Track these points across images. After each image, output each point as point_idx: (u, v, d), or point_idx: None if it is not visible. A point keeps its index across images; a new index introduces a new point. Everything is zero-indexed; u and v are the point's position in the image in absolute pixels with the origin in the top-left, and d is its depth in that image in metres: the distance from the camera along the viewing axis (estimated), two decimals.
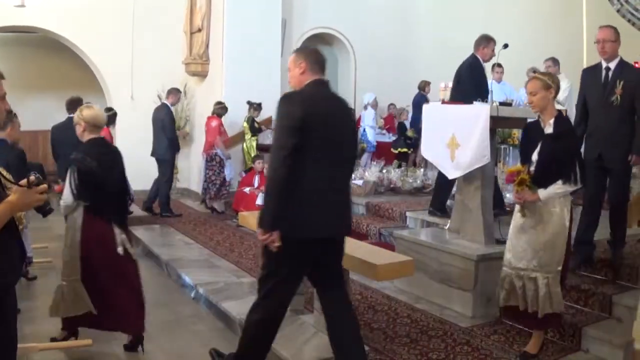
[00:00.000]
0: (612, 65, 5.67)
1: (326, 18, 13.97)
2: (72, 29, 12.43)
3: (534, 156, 4.67)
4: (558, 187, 4.52)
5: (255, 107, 11.80)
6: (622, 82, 5.55)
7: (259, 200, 9.64)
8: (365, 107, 13.66)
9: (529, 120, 5.52)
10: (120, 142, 10.81)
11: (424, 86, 13.11)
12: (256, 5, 11.97)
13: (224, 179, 11.09)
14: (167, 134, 10.58)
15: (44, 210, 2.94)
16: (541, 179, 4.58)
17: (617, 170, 5.65)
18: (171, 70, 12.80)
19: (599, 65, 5.81)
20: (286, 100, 3.93)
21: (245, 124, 11.75)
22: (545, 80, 4.63)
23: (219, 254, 8.21)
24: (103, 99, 13.16)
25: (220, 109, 11.27)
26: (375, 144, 13.74)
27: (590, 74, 5.91)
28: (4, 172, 3.01)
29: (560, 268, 4.58)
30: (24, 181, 2.84)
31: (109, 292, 4.96)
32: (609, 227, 5.93)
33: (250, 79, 11.63)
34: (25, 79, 13.81)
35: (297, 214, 3.85)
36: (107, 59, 12.67)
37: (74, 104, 8.21)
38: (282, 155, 3.78)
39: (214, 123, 11.11)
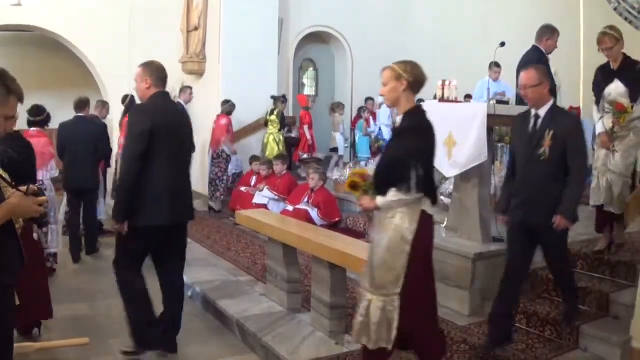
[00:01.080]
0: (542, 112, 4.66)
1: (323, 16, 13.94)
2: (69, 28, 12.39)
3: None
4: (393, 195, 3.78)
5: (282, 100, 11.94)
6: (551, 132, 4.55)
7: (256, 199, 9.65)
8: (380, 106, 13.60)
9: None
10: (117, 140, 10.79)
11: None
12: (253, 4, 11.94)
13: (229, 174, 11.30)
14: None
15: (40, 221, 2.96)
16: (378, 183, 3.93)
17: (552, 239, 4.74)
18: (168, 68, 12.59)
19: (528, 112, 4.82)
20: (137, 111, 4.82)
21: (274, 117, 11.85)
22: (397, 69, 4.01)
23: (216, 252, 8.20)
24: (100, 97, 13.12)
25: (230, 107, 11.40)
26: None
27: (520, 122, 4.91)
28: (3, 174, 3.02)
29: (398, 290, 3.79)
30: (23, 187, 2.85)
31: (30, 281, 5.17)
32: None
33: (247, 78, 11.60)
34: (22, 78, 13.41)
35: (145, 206, 4.59)
36: (104, 57, 12.63)
37: (82, 104, 8.43)
38: (133, 159, 4.55)
39: (224, 121, 11.20)
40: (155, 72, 4.94)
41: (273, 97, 11.88)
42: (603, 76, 5.81)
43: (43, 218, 2.95)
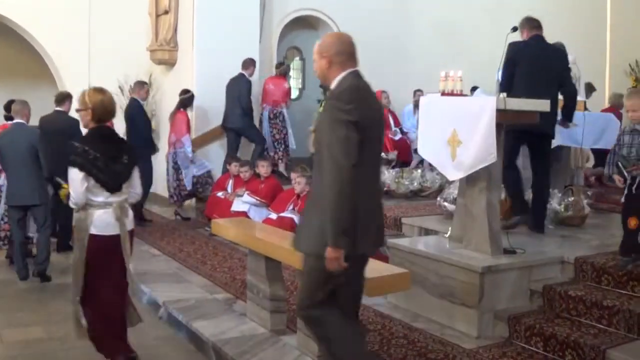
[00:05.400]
0: None
1: None
2: (20, 11, 12.32)
3: None
4: None
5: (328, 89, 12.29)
6: None
7: (235, 206, 9.61)
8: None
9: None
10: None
11: None
12: None
13: (286, 135, 12.49)
14: (242, 104, 11.50)
15: None
16: None
17: None
18: (134, 58, 12.73)
19: None
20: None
21: (321, 109, 12.13)
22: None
23: (189, 266, 8.17)
24: (56, 90, 13.03)
25: (287, 68, 12.74)
26: None
27: None
28: None
29: None
30: None
31: None
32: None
33: (225, 69, 11.57)
34: None
35: None
36: (60, 44, 12.57)
37: (63, 99, 9.36)
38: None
39: (286, 85, 12.43)
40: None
41: (321, 86, 12.25)
42: None
43: None
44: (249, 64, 11.79)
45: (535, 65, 6.77)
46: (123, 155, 4.94)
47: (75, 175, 4.69)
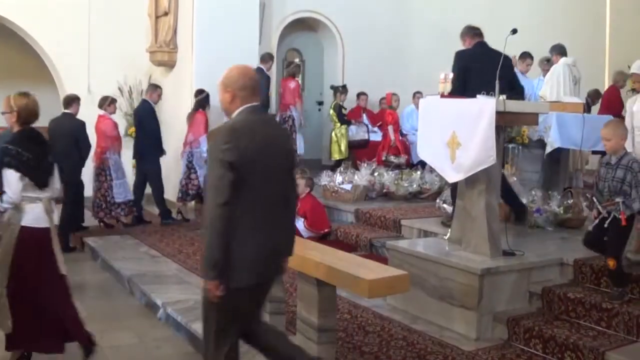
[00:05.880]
0: None
1: (310, 0, 13.95)
2: (20, 13, 12.29)
3: None
4: None
5: (341, 90, 12.49)
6: None
7: None
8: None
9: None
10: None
11: None
12: None
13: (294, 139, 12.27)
14: (261, 96, 11.40)
15: None
16: None
17: None
18: (134, 59, 12.72)
19: None
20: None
21: (331, 112, 12.57)
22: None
23: (188, 268, 8.15)
24: (55, 92, 13.03)
25: (294, 68, 12.61)
26: None
27: None
28: None
29: None
30: None
31: None
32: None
33: (224, 70, 11.53)
34: None
35: None
36: (60, 46, 12.52)
37: (70, 101, 9.65)
38: None
39: (293, 84, 12.31)
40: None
41: (332, 87, 12.29)
42: None
43: None
44: (267, 58, 12.06)
45: (487, 70, 6.71)
46: (48, 155, 5.30)
47: (11, 177, 4.99)
